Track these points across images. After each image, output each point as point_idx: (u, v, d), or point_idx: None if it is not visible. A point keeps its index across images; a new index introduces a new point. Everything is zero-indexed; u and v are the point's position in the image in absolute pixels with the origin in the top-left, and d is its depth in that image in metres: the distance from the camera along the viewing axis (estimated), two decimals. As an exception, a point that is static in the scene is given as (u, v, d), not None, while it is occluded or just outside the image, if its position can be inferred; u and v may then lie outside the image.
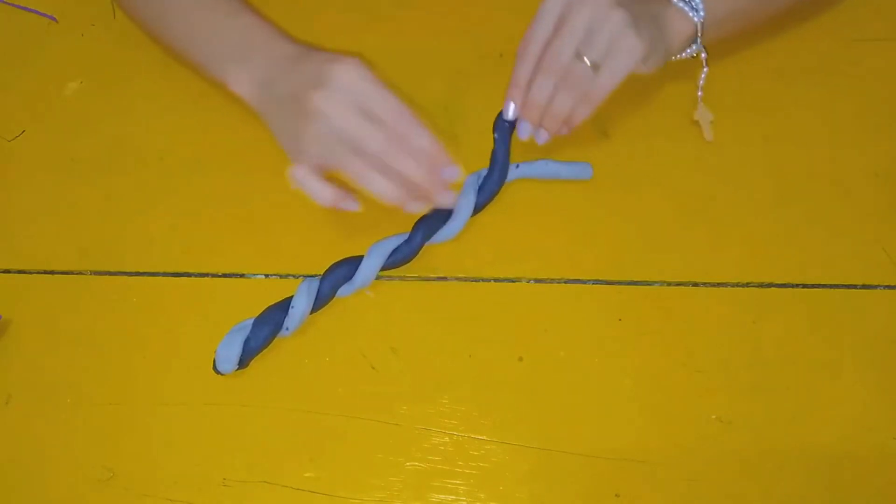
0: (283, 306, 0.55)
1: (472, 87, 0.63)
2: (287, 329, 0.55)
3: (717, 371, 0.55)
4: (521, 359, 0.56)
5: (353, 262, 0.56)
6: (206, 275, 0.58)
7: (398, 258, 0.56)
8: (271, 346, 0.55)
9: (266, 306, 0.55)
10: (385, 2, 0.68)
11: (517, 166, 0.60)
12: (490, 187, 0.58)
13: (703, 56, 0.56)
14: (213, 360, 0.54)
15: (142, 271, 0.59)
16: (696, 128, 0.62)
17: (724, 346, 0.56)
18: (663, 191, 0.61)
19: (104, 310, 0.57)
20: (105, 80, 0.65)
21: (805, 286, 0.58)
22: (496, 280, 0.58)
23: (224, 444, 0.54)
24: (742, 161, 0.62)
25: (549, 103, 0.52)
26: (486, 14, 0.67)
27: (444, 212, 0.57)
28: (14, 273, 0.59)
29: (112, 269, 0.59)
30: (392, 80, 0.51)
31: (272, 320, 0.54)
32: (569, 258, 0.59)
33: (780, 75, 0.65)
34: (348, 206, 0.52)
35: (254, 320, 0.55)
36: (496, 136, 0.57)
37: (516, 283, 0.58)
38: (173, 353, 0.56)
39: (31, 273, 0.59)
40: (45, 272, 0.59)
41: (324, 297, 0.56)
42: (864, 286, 0.58)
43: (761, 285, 0.58)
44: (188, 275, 0.59)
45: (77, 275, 0.59)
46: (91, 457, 0.53)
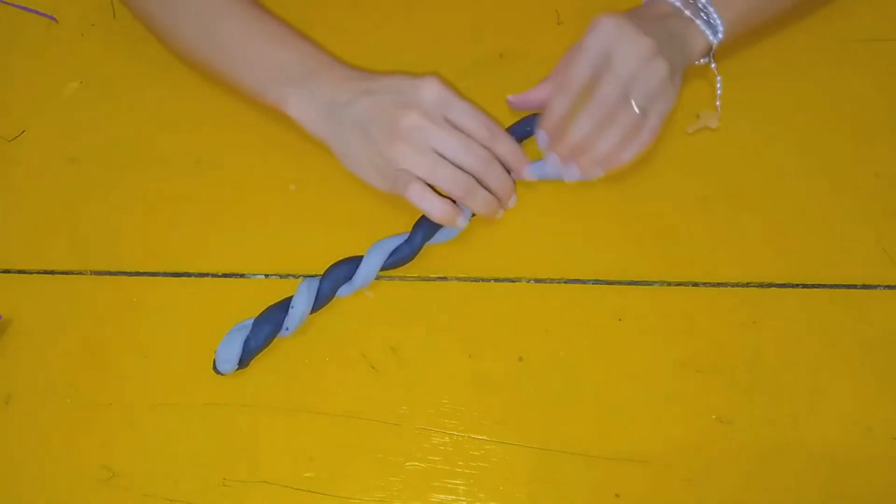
0: (283, 306, 0.55)
1: (473, 87, 0.63)
2: (287, 329, 0.55)
3: (717, 371, 0.55)
4: (521, 359, 0.56)
5: (353, 262, 0.56)
6: (206, 275, 0.58)
7: (398, 258, 0.56)
8: (271, 346, 0.55)
9: (266, 306, 0.55)
10: (385, 2, 0.68)
11: None
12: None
13: (714, 66, 0.56)
14: (213, 360, 0.54)
15: (142, 271, 0.59)
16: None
17: (724, 346, 0.56)
18: (663, 191, 0.61)
19: (104, 310, 0.57)
20: (105, 80, 0.65)
21: (805, 286, 0.58)
22: (496, 280, 0.58)
23: (224, 444, 0.54)
24: (742, 161, 0.62)
25: (590, 143, 0.52)
26: (486, 14, 0.67)
27: None
28: (14, 273, 0.59)
29: (112, 269, 0.59)
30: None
31: (272, 320, 0.54)
32: (569, 258, 0.59)
33: (779, 75, 0.65)
34: (459, 221, 0.54)
35: (254, 320, 0.55)
36: None
37: (516, 283, 0.58)
38: (173, 353, 0.56)
39: (31, 273, 0.59)
40: (45, 272, 0.59)
41: (324, 297, 0.56)
42: (864, 286, 0.58)
43: (761, 285, 0.58)
44: (188, 275, 0.59)
45: (77, 275, 0.59)
46: (91, 457, 0.53)
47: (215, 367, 0.54)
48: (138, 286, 0.58)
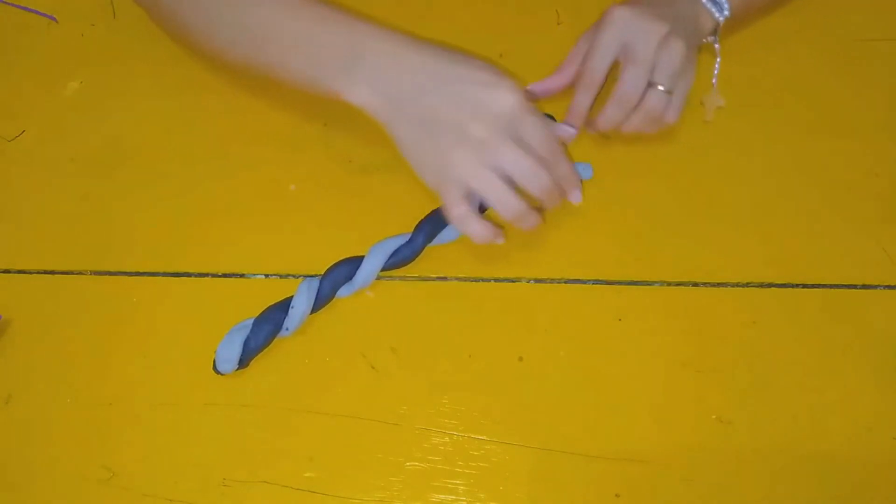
0: (283, 306, 0.55)
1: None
2: (287, 329, 0.55)
3: (717, 371, 0.55)
4: (521, 359, 0.56)
5: (354, 263, 0.56)
6: (206, 275, 0.58)
7: (399, 259, 0.56)
8: (271, 346, 0.55)
9: (266, 306, 0.55)
10: (384, 2, 0.68)
11: None
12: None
13: (717, 46, 0.58)
14: (213, 360, 0.54)
15: (142, 271, 0.59)
16: (697, 128, 0.62)
17: (724, 346, 0.56)
18: (663, 191, 0.61)
19: (104, 310, 0.57)
20: (105, 80, 0.65)
21: (805, 286, 0.58)
22: (496, 280, 0.58)
23: (224, 444, 0.54)
24: (742, 161, 0.62)
25: (618, 128, 0.54)
26: (486, 14, 0.67)
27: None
28: (14, 273, 0.59)
29: (112, 269, 0.59)
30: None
31: (272, 320, 0.54)
32: (569, 258, 0.59)
33: (779, 75, 0.65)
34: (498, 240, 0.52)
35: (254, 320, 0.55)
36: None
37: (516, 283, 0.58)
38: (173, 353, 0.56)
39: (31, 273, 0.59)
40: (45, 272, 0.59)
41: (324, 297, 0.56)
42: (864, 286, 0.58)
43: (761, 285, 0.58)
44: (188, 275, 0.59)
45: (77, 275, 0.59)
46: (91, 457, 0.53)
47: (215, 367, 0.54)
48: (138, 286, 0.58)
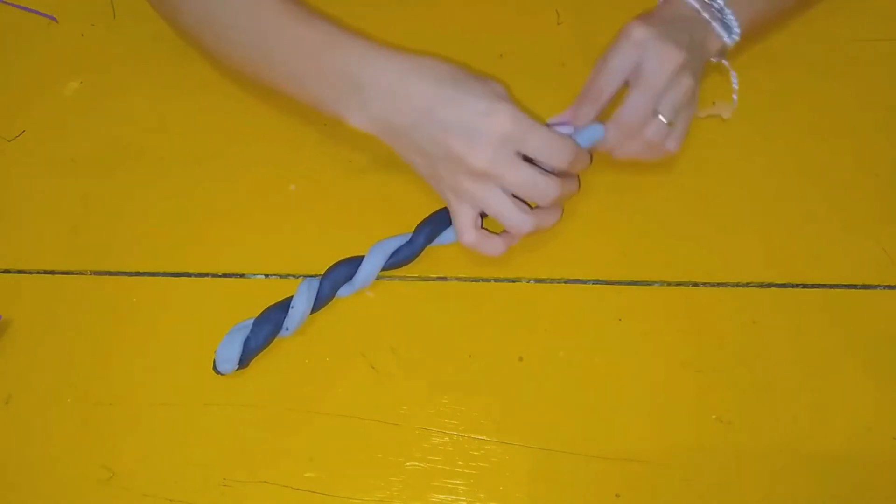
0: (283, 306, 0.55)
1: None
2: (287, 329, 0.55)
3: (717, 371, 0.55)
4: (521, 359, 0.56)
5: (354, 262, 0.56)
6: (206, 275, 0.58)
7: (399, 259, 0.56)
8: (271, 346, 0.55)
9: (266, 306, 0.55)
10: (384, 2, 0.68)
11: None
12: None
13: (727, 63, 0.56)
14: (213, 360, 0.54)
15: (142, 271, 0.59)
16: (697, 128, 0.62)
17: (724, 346, 0.56)
18: (664, 191, 0.61)
19: (104, 310, 0.57)
20: (105, 80, 0.65)
21: (805, 286, 0.58)
22: (496, 280, 0.58)
23: (224, 444, 0.54)
24: (742, 161, 0.62)
25: (614, 150, 0.53)
26: (486, 14, 0.67)
27: (448, 214, 0.57)
28: (14, 273, 0.59)
29: (112, 269, 0.59)
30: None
31: (272, 320, 0.54)
32: (569, 258, 0.59)
33: (779, 76, 0.65)
34: (493, 247, 0.52)
35: (254, 320, 0.55)
36: None
37: (516, 283, 0.58)
38: (173, 353, 0.56)
39: (31, 273, 0.59)
40: (45, 272, 0.59)
41: (324, 297, 0.56)
42: (864, 286, 0.58)
43: (761, 285, 0.58)
44: (188, 275, 0.59)
45: (77, 275, 0.59)
46: (91, 457, 0.53)
47: (215, 367, 0.54)
48: (138, 286, 0.58)
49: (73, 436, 0.54)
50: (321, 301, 0.55)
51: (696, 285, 0.58)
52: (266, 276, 0.58)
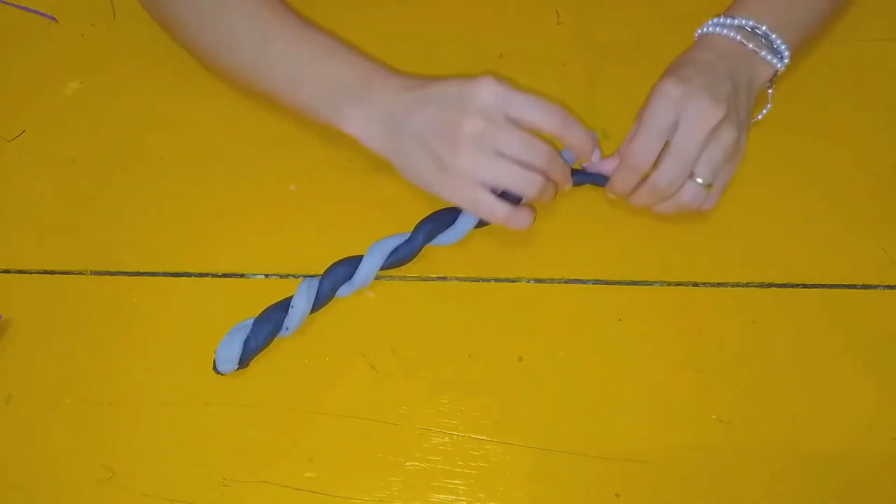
0: (283, 306, 0.55)
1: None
2: (287, 329, 0.55)
3: (717, 371, 0.55)
4: (521, 359, 0.56)
5: (353, 262, 0.56)
6: (206, 275, 0.59)
7: (398, 258, 0.56)
8: (271, 346, 0.55)
9: (266, 306, 0.55)
10: (384, 1, 0.68)
11: None
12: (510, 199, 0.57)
13: (770, 92, 0.54)
14: (213, 360, 0.54)
15: (142, 271, 0.59)
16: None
17: (724, 346, 0.56)
18: (663, 191, 0.61)
19: (104, 310, 0.57)
20: (105, 80, 0.65)
21: (805, 286, 0.58)
22: (496, 280, 0.58)
23: (224, 444, 0.54)
24: (742, 161, 0.62)
25: (647, 207, 0.52)
26: (486, 14, 0.67)
27: (448, 215, 0.57)
28: (14, 273, 0.59)
29: (112, 269, 0.59)
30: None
31: (272, 320, 0.54)
32: (569, 258, 0.59)
33: (779, 76, 0.65)
34: (522, 219, 0.51)
35: (254, 320, 0.55)
36: None
37: (516, 283, 0.58)
38: (173, 353, 0.56)
39: (31, 273, 0.59)
40: (45, 272, 0.59)
41: (324, 297, 0.56)
42: (864, 286, 0.58)
43: (761, 285, 0.58)
44: (188, 275, 0.59)
45: (77, 275, 0.59)
46: (91, 457, 0.53)
47: (215, 367, 0.54)
48: (138, 286, 0.58)
49: (73, 436, 0.54)
50: (321, 301, 0.55)
51: (696, 285, 0.58)
52: (266, 276, 0.58)
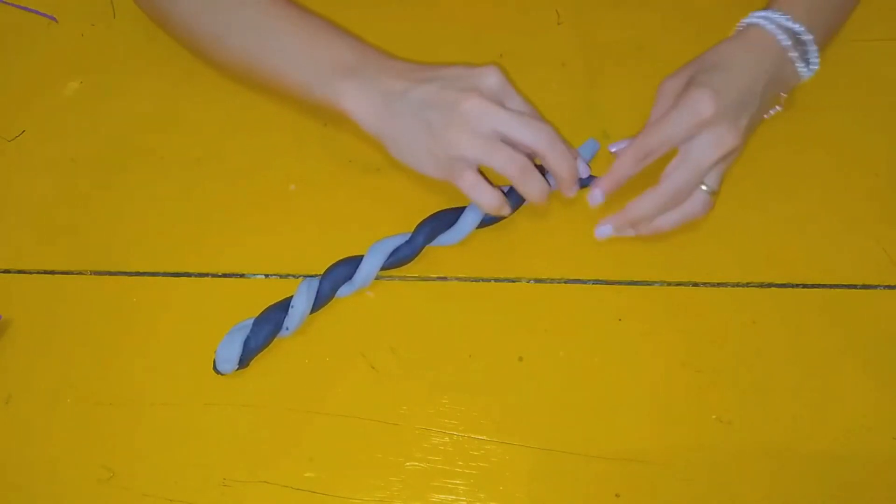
0: (283, 306, 0.55)
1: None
2: (287, 329, 0.55)
3: (717, 371, 0.55)
4: (521, 359, 0.56)
5: (353, 262, 0.56)
6: (206, 275, 0.59)
7: (398, 258, 0.56)
8: (271, 346, 0.55)
9: (266, 306, 0.55)
10: (384, 1, 0.68)
11: None
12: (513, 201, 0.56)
13: (783, 95, 0.55)
14: (213, 360, 0.54)
15: (142, 271, 0.59)
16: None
17: (724, 346, 0.56)
18: (663, 191, 0.61)
19: (104, 310, 0.57)
20: (105, 80, 0.66)
21: (805, 286, 0.58)
22: (496, 280, 0.58)
23: (224, 444, 0.54)
24: (741, 161, 0.62)
25: (647, 219, 0.52)
26: (486, 14, 0.67)
27: (448, 215, 0.57)
28: (14, 273, 0.59)
29: (112, 269, 0.59)
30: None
31: (272, 320, 0.54)
32: (569, 258, 0.59)
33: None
34: (504, 210, 0.52)
35: (254, 320, 0.55)
36: None
37: (516, 283, 0.58)
38: (173, 353, 0.56)
39: (31, 273, 0.59)
40: (45, 272, 0.59)
41: (324, 297, 0.56)
42: (864, 286, 0.58)
43: (761, 285, 0.58)
44: (188, 275, 0.59)
45: (77, 275, 0.59)
46: (91, 457, 0.53)
47: (215, 367, 0.54)
48: (138, 286, 0.58)
49: (73, 436, 0.54)
50: (321, 301, 0.55)
51: (696, 285, 0.58)
52: (266, 276, 0.58)
